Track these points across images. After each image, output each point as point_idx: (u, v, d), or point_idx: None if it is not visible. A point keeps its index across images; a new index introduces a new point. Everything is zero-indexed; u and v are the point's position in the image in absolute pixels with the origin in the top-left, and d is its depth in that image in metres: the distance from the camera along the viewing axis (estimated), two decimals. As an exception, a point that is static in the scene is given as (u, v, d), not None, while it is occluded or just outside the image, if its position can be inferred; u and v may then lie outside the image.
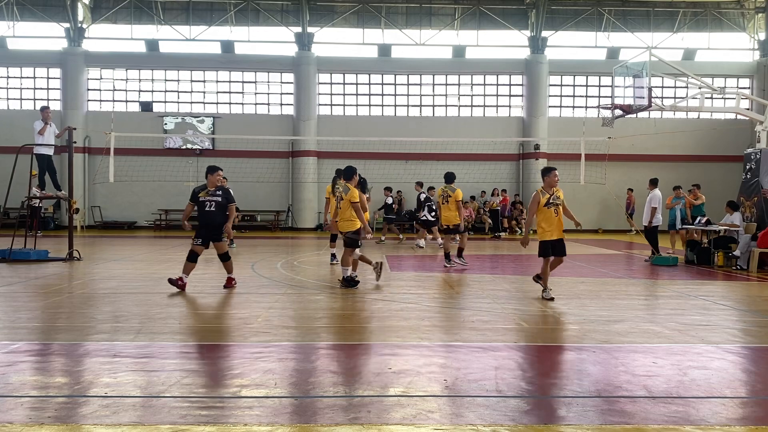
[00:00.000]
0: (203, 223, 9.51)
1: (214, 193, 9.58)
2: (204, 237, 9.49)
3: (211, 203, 9.49)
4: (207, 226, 9.49)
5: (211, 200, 9.51)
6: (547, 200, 9.17)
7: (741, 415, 4.36)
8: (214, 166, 9.77)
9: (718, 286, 11.26)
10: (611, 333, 6.81)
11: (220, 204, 9.55)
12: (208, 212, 9.48)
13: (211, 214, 9.49)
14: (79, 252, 13.64)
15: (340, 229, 10.09)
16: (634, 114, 16.93)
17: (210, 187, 9.59)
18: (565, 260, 9.29)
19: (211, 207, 9.48)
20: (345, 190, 9.99)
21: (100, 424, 3.97)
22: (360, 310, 8.08)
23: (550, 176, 9.29)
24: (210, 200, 9.50)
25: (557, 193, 9.28)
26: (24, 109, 27.93)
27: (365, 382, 4.84)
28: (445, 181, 13.18)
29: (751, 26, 29.30)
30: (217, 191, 9.61)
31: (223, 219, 9.62)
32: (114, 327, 6.88)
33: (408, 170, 25.78)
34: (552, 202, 9.19)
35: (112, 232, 25.28)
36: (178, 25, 28.31)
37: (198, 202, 9.56)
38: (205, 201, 9.50)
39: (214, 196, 9.55)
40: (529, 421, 4.07)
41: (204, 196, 9.53)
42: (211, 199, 9.52)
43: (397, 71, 28.45)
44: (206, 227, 9.50)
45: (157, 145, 26.71)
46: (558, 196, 9.26)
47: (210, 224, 9.49)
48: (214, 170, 9.62)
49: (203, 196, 9.53)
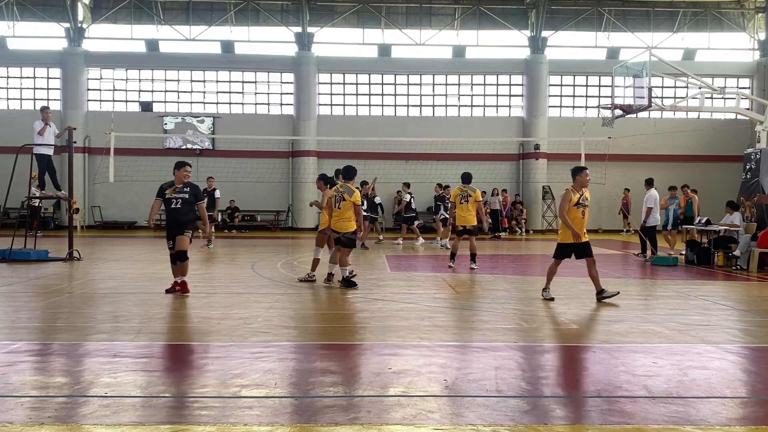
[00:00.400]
0: (170, 220, 9.09)
1: (182, 190, 9.09)
2: (171, 237, 9.08)
3: (177, 200, 9.02)
4: (173, 224, 9.06)
5: (178, 197, 9.04)
6: (577, 200, 8.82)
7: (741, 415, 4.36)
8: (181, 161, 9.38)
9: (718, 286, 11.26)
10: (611, 333, 6.81)
11: (187, 201, 9.05)
12: (174, 209, 9.02)
13: (177, 212, 9.01)
14: (79, 252, 13.64)
15: (339, 229, 10.00)
16: (634, 114, 16.93)
17: (177, 184, 9.13)
18: (564, 260, 9.19)
19: (177, 204, 9.02)
20: (348, 192, 9.94)
21: (100, 424, 3.97)
22: (360, 310, 8.08)
23: (582, 175, 8.95)
24: (177, 197, 9.04)
25: (586, 193, 8.96)
26: (24, 109, 27.93)
27: (365, 382, 4.84)
28: (463, 181, 12.86)
29: (751, 26, 29.30)
30: (184, 188, 9.11)
31: (191, 217, 9.15)
32: (114, 327, 6.88)
33: (408, 170, 25.77)
34: (581, 202, 8.86)
35: (112, 232, 25.29)
36: (178, 25, 28.31)
37: (164, 198, 9.13)
38: (171, 198, 9.04)
39: (181, 192, 9.07)
40: (529, 421, 4.07)
41: (171, 193, 9.09)
42: (178, 196, 9.05)
43: (397, 71, 28.45)
44: (172, 225, 9.07)
45: (157, 145, 26.70)
46: (586, 197, 8.94)
47: (176, 222, 9.03)
48: (180, 166, 9.21)
49: (170, 193, 9.08)
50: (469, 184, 12.84)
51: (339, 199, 9.94)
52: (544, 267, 14.09)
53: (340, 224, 9.95)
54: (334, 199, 9.99)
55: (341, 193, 9.96)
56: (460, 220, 12.72)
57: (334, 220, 10.00)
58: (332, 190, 10.17)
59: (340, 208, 9.92)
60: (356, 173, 10.33)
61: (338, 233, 10.01)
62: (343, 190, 9.99)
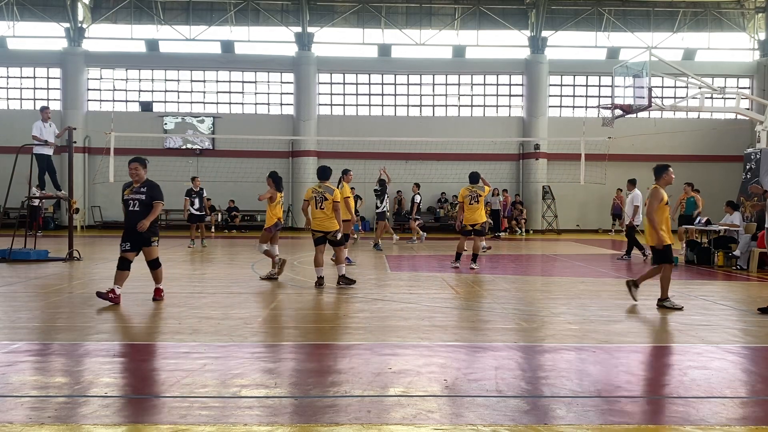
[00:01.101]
0: (128, 224, 8.15)
1: (138, 190, 8.14)
2: (132, 241, 8.17)
3: (134, 202, 8.10)
4: (131, 229, 8.10)
5: (135, 198, 8.11)
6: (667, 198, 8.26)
7: (741, 415, 4.36)
8: (137, 157, 8.40)
9: (718, 286, 11.26)
10: (611, 333, 6.80)
11: (145, 203, 8.11)
12: (133, 213, 8.09)
13: (135, 215, 8.07)
14: (79, 252, 13.64)
15: (323, 229, 9.97)
16: (634, 114, 16.96)
17: (134, 183, 8.21)
18: (564, 260, 9.18)
19: (135, 206, 8.09)
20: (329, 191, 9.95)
21: (100, 424, 3.96)
22: (360, 310, 8.08)
23: (668, 173, 8.39)
24: (134, 198, 8.12)
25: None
26: (24, 109, 27.94)
27: (365, 382, 4.84)
28: (471, 181, 12.74)
29: (751, 26, 29.30)
30: (141, 188, 8.15)
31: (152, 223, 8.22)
32: (114, 327, 6.88)
33: (408, 170, 25.79)
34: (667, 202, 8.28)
35: (112, 232, 25.25)
36: (178, 25, 28.31)
37: (123, 201, 8.24)
38: (129, 200, 8.14)
39: (137, 193, 8.13)
40: (529, 421, 4.07)
41: (128, 194, 8.15)
42: (135, 197, 8.12)
43: (397, 71, 28.45)
44: (131, 230, 8.12)
45: (157, 145, 26.70)
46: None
47: (134, 227, 8.05)
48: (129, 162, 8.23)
49: (127, 194, 8.16)
50: (477, 183, 12.78)
51: (321, 200, 9.92)
52: (544, 267, 14.20)
53: (325, 224, 9.95)
54: (314, 201, 9.96)
55: (321, 194, 9.93)
56: (468, 220, 12.59)
57: (319, 221, 9.98)
58: (311, 191, 10.14)
59: (323, 209, 9.92)
60: (332, 173, 10.34)
61: (323, 233, 9.99)
62: (322, 190, 9.97)
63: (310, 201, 10.02)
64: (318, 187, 10.05)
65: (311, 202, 10.02)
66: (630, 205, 14.83)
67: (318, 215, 9.97)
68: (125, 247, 8.18)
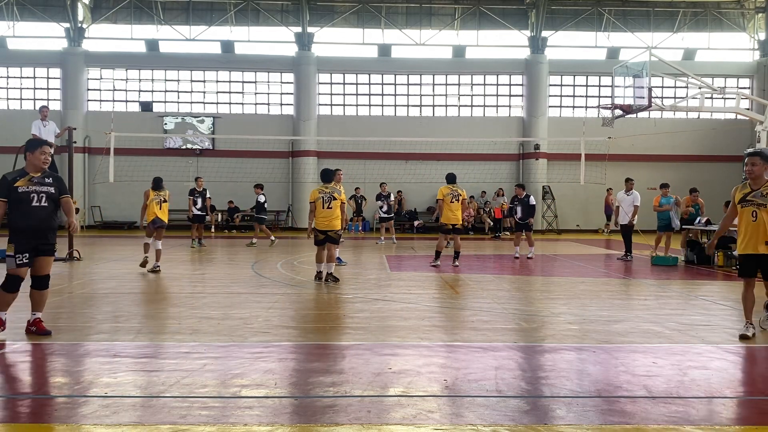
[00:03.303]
0: (28, 225, 6.20)
1: (42, 181, 6.33)
2: (31, 250, 6.25)
3: (40, 195, 6.27)
4: (35, 230, 6.25)
5: (41, 191, 6.28)
6: (743, 196, 6.59)
7: (741, 415, 4.36)
8: (37, 140, 6.73)
9: (718, 286, 11.26)
10: (611, 333, 6.81)
11: (53, 197, 6.38)
12: (36, 209, 6.25)
13: (41, 213, 6.28)
14: (79, 252, 13.63)
15: (328, 228, 10.39)
16: (634, 114, 16.97)
17: (33, 172, 6.33)
18: (564, 260, 9.17)
19: (42, 201, 6.28)
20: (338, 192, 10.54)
21: (100, 424, 3.97)
22: (360, 311, 8.08)
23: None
24: (39, 191, 6.27)
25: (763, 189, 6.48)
26: (24, 109, 27.92)
27: (365, 382, 4.84)
28: (448, 181, 13.02)
29: (751, 26, 29.29)
30: (45, 178, 6.37)
31: (56, 225, 6.52)
32: (114, 327, 6.88)
33: (408, 170, 25.78)
34: (751, 199, 6.50)
35: (112, 232, 25.29)
36: (178, 25, 28.30)
37: (15, 194, 6.19)
38: (30, 192, 6.22)
39: (42, 185, 6.31)
40: (529, 421, 4.07)
41: (25, 185, 6.22)
42: (41, 189, 6.28)
43: (397, 71, 28.44)
44: (34, 233, 6.25)
45: (157, 145, 26.71)
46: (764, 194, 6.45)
47: (40, 228, 6.27)
48: (35, 146, 6.40)
49: (24, 185, 6.22)
50: (455, 183, 13.02)
51: (329, 199, 10.36)
52: (544, 267, 14.20)
53: (332, 223, 10.39)
54: (321, 201, 10.36)
55: (329, 194, 10.40)
56: (448, 219, 12.86)
57: (326, 220, 10.38)
58: (317, 192, 10.53)
59: (330, 208, 10.36)
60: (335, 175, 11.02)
61: (326, 232, 10.38)
62: (329, 190, 10.46)
63: (317, 201, 10.41)
64: (324, 188, 10.53)
65: (318, 203, 10.41)
66: (630, 205, 14.82)
67: (325, 214, 10.39)
68: (20, 259, 6.20)
